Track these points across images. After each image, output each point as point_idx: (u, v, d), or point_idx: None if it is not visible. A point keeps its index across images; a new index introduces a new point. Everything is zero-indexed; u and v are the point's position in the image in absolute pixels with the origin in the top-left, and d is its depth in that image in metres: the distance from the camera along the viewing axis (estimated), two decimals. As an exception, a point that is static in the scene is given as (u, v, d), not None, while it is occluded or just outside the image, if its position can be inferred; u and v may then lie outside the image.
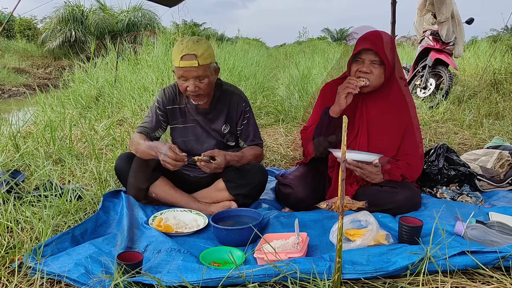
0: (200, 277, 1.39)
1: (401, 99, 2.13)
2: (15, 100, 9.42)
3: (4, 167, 2.66)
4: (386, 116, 2.08)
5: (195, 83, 1.98)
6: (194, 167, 2.24)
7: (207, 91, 2.06)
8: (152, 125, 2.18)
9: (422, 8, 5.28)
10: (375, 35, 2.02)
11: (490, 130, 4.00)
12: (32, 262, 1.53)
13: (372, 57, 1.98)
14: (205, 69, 1.98)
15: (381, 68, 1.99)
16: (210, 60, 1.99)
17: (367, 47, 1.97)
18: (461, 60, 7.96)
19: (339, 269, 1.32)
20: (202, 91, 2.03)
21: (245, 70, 7.71)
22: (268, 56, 16.29)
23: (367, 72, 1.98)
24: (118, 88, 5.67)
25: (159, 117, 2.18)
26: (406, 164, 2.09)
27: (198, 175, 2.25)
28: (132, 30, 15.74)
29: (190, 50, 1.93)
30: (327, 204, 1.69)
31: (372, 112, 2.09)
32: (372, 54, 1.97)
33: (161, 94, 2.19)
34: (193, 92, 2.01)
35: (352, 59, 2.04)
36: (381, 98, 2.08)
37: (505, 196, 2.33)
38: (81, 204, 2.15)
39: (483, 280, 1.43)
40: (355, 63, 2.03)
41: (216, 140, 2.20)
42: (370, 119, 2.09)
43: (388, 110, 2.08)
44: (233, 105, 2.20)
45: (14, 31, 19.02)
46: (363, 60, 2.00)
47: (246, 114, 2.22)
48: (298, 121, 4.58)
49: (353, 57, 2.03)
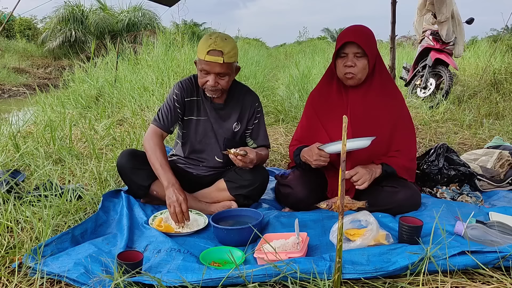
0: (200, 277, 1.39)
1: (389, 92, 2.15)
2: (15, 100, 9.42)
3: (4, 167, 2.66)
4: (372, 109, 2.09)
5: (215, 79, 2.02)
6: (198, 165, 2.25)
7: (225, 88, 2.09)
8: (169, 120, 2.14)
9: (422, 8, 5.28)
10: (355, 28, 2.07)
11: (490, 130, 4.00)
12: (32, 262, 1.53)
13: (354, 49, 2.01)
14: (228, 67, 2.02)
15: (365, 59, 2.03)
16: (234, 59, 2.03)
17: (349, 39, 2.00)
18: (461, 60, 7.96)
19: (339, 269, 1.32)
20: (221, 87, 2.05)
21: (245, 70, 7.71)
22: (268, 56, 16.30)
23: (352, 66, 2.02)
24: (118, 88, 5.67)
25: (177, 110, 2.16)
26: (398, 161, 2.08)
27: (201, 173, 2.26)
28: (132, 30, 15.75)
29: (218, 47, 1.96)
30: (327, 204, 1.69)
31: (357, 106, 2.10)
32: (354, 46, 2.01)
33: (178, 87, 2.17)
34: (211, 87, 2.03)
35: (336, 55, 2.08)
36: (365, 91, 2.10)
37: (505, 196, 2.33)
38: (81, 204, 2.15)
39: (483, 280, 1.43)
40: (339, 59, 2.07)
41: (224, 137, 2.22)
42: (355, 113, 2.09)
43: (374, 103, 2.10)
44: (247, 105, 2.23)
45: (14, 31, 19.01)
46: (347, 54, 2.03)
47: (258, 114, 2.26)
48: (298, 121, 4.56)
49: (337, 52, 2.07)
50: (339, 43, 2.04)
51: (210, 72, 2.01)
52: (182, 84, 2.18)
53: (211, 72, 2.00)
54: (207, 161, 2.25)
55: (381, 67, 2.15)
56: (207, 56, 1.96)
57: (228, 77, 2.05)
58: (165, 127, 2.13)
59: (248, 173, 2.11)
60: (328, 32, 31.34)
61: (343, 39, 2.02)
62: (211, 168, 2.26)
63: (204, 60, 1.98)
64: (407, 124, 2.17)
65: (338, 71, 2.10)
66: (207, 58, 1.97)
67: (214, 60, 1.96)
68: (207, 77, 2.03)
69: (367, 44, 2.02)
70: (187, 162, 2.28)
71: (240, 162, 2.01)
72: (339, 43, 2.04)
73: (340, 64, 2.07)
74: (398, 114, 2.13)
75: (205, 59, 1.97)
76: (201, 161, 2.26)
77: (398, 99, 2.17)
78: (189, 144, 2.25)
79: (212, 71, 2.00)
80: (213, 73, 2.00)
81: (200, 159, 2.26)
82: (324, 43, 20.78)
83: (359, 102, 2.10)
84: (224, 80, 2.04)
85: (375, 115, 2.09)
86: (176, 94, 2.16)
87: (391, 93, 2.16)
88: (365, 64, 2.03)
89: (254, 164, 2.06)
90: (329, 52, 12.55)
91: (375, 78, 2.11)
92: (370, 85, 2.11)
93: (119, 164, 2.13)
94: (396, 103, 2.15)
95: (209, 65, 1.98)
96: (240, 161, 2.00)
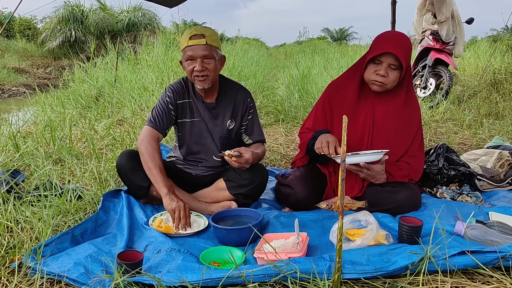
0: (200, 277, 1.39)
1: (412, 102, 2.12)
2: (15, 100, 9.42)
3: (4, 167, 2.66)
4: (394, 118, 2.07)
5: (202, 63, 2.01)
6: (197, 166, 2.25)
7: (213, 75, 2.07)
8: (164, 122, 2.13)
9: (422, 8, 5.28)
10: (398, 38, 1.98)
11: (490, 130, 4.00)
12: (32, 262, 1.53)
13: (391, 60, 1.93)
14: (212, 50, 2.03)
15: (398, 71, 1.97)
16: (217, 44, 2.06)
17: (390, 51, 1.91)
18: (461, 60, 7.96)
19: (339, 269, 1.32)
20: (209, 72, 2.05)
21: (245, 70, 7.71)
22: (268, 56, 16.30)
23: (384, 76, 1.95)
24: (118, 88, 5.67)
25: (171, 112, 2.15)
26: (406, 165, 2.08)
27: (200, 174, 2.26)
28: (132, 30, 15.74)
29: (199, 31, 2.02)
30: (327, 204, 1.69)
31: (380, 114, 2.07)
32: (392, 57, 1.93)
33: (169, 90, 2.17)
34: (200, 72, 2.02)
35: (370, 59, 1.99)
36: (390, 100, 2.07)
37: (505, 196, 2.33)
38: (81, 204, 2.15)
39: (483, 280, 1.43)
40: (372, 64, 1.99)
41: (220, 136, 2.21)
42: (377, 119, 2.07)
43: (396, 112, 2.07)
44: (239, 101, 2.22)
45: (14, 31, 19.02)
46: (381, 62, 1.96)
47: (251, 109, 2.25)
48: (298, 121, 4.58)
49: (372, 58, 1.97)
50: (378, 50, 1.94)
51: (195, 57, 2.01)
52: (173, 87, 2.18)
53: (196, 57, 2.01)
54: (206, 161, 2.25)
55: (409, 78, 2.10)
56: (189, 41, 2.01)
57: (214, 61, 2.04)
58: (161, 128, 2.12)
59: (248, 172, 2.10)
60: (328, 32, 31.38)
61: (383, 48, 1.93)
62: (210, 168, 2.26)
63: (188, 45, 2.01)
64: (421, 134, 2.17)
65: (367, 75, 2.02)
66: (190, 42, 2.00)
67: (197, 42, 2.00)
68: (193, 63, 2.03)
69: (405, 57, 1.94)
70: (186, 163, 2.28)
71: (235, 163, 2.01)
72: (377, 50, 1.94)
73: (372, 69, 1.98)
74: (417, 126, 2.12)
75: (188, 44, 2.01)
76: (199, 161, 2.26)
77: (417, 110, 2.15)
78: (185, 146, 2.25)
79: (197, 55, 2.01)
80: (198, 57, 2.01)
81: (198, 159, 2.26)
82: (324, 43, 20.79)
83: (382, 110, 2.07)
84: (210, 65, 2.03)
85: (396, 126, 2.07)
86: (168, 96, 2.15)
87: (412, 104, 2.13)
88: (397, 76, 1.97)
89: (251, 163, 2.05)
90: (329, 52, 12.56)
91: (401, 88, 2.06)
92: (396, 94, 2.06)
93: (119, 165, 2.13)
94: (417, 115, 2.13)
95: (193, 49, 2.01)
96: (235, 162, 2.00)
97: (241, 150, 2.02)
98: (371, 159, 1.90)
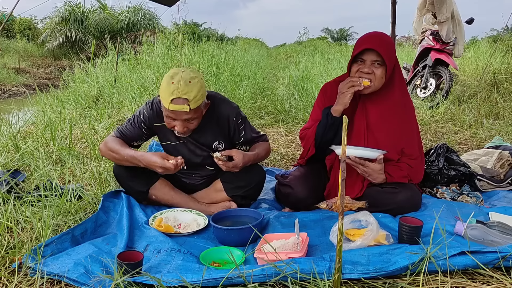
0: (200, 277, 1.39)
1: (403, 101, 2.12)
2: (15, 100, 9.42)
3: (4, 167, 2.66)
4: (388, 119, 2.06)
5: (183, 125, 1.90)
6: (191, 175, 2.22)
7: (195, 128, 1.98)
8: (133, 135, 2.09)
9: (422, 8, 5.29)
10: (377, 35, 2.01)
11: (490, 130, 4.00)
12: (32, 262, 1.53)
13: (373, 57, 1.96)
14: (196, 111, 1.88)
15: (383, 68, 1.98)
16: (201, 100, 1.87)
17: (369, 46, 1.94)
18: (461, 60, 7.96)
19: (339, 269, 1.32)
20: (190, 130, 1.97)
21: (245, 70, 7.71)
22: (268, 56, 16.29)
23: (369, 73, 1.97)
24: (118, 88, 5.67)
25: (142, 130, 2.09)
26: (407, 166, 2.08)
27: (195, 182, 2.23)
28: (132, 30, 15.75)
29: (182, 93, 1.79)
30: (327, 204, 1.69)
31: (373, 114, 2.07)
32: (373, 54, 1.95)
33: (148, 109, 2.05)
34: (180, 133, 1.94)
35: (353, 60, 2.02)
36: (381, 100, 2.06)
37: (505, 196, 2.33)
38: (81, 204, 2.15)
39: (483, 280, 1.43)
40: (355, 64, 2.01)
41: (208, 153, 2.09)
42: (370, 121, 2.07)
43: (389, 112, 2.07)
44: (224, 123, 2.07)
45: (14, 31, 19.03)
46: (364, 60, 1.98)
47: (240, 126, 2.11)
48: (298, 121, 4.58)
49: (354, 57, 2.01)
50: (358, 48, 1.97)
51: (176, 119, 1.88)
52: (152, 107, 2.05)
53: (177, 119, 1.88)
54: (199, 173, 2.21)
55: (400, 77, 2.10)
56: (171, 105, 1.80)
57: (197, 120, 1.93)
58: (127, 139, 2.08)
59: (244, 173, 2.05)
60: (328, 32, 31.36)
61: (363, 45, 1.96)
62: (203, 176, 2.22)
63: (169, 109, 1.83)
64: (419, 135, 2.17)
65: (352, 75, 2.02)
66: (171, 107, 1.81)
67: (180, 109, 1.81)
68: (174, 123, 1.90)
69: (387, 52, 1.96)
70: (180, 173, 2.20)
71: (223, 167, 1.97)
72: (357, 49, 1.97)
73: (355, 69, 2.00)
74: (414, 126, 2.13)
75: (169, 108, 1.81)
76: (192, 173, 2.21)
77: (412, 110, 2.15)
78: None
79: (179, 118, 1.86)
80: (179, 120, 1.87)
81: (191, 172, 2.20)
82: (324, 43, 20.79)
83: (375, 112, 2.07)
84: (193, 123, 1.92)
85: (387, 123, 2.07)
86: (144, 116, 2.05)
87: (406, 104, 2.13)
88: (383, 73, 1.98)
89: (241, 166, 1.98)
90: (329, 53, 12.55)
91: (392, 88, 2.07)
92: (388, 94, 2.06)
93: (116, 172, 2.12)
94: (412, 115, 2.14)
95: (175, 113, 1.84)
96: (222, 165, 1.96)
97: (232, 153, 1.97)
98: (365, 155, 1.93)
